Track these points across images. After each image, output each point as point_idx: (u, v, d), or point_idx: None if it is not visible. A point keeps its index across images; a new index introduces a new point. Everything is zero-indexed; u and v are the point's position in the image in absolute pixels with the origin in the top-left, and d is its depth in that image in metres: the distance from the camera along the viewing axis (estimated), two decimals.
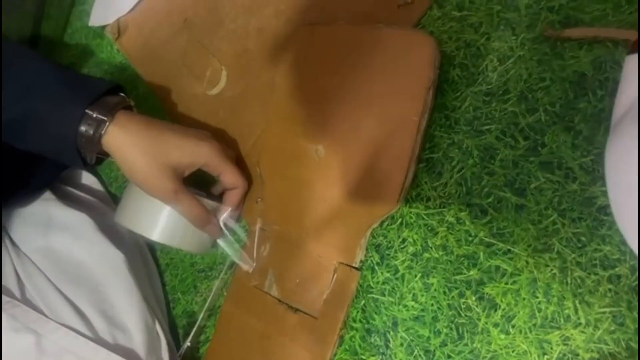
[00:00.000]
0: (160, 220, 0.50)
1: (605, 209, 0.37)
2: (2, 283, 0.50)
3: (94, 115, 0.46)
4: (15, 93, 0.45)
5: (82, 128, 0.45)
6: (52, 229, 0.55)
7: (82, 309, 0.50)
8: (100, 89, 0.47)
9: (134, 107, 0.51)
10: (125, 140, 0.46)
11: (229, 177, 0.51)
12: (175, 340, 0.58)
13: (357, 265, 0.46)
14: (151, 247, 0.63)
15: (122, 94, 0.50)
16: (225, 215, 0.52)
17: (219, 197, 0.54)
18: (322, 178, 0.49)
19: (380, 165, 0.46)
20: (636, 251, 0.33)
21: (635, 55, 0.32)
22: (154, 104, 0.68)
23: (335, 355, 0.46)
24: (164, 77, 0.67)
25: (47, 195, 0.60)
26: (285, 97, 0.54)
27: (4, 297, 0.49)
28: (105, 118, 0.46)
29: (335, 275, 0.47)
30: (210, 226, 0.51)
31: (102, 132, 0.46)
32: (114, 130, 0.46)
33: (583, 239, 0.38)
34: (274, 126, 0.54)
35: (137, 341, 0.51)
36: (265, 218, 0.53)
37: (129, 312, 0.52)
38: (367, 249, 0.47)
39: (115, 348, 0.50)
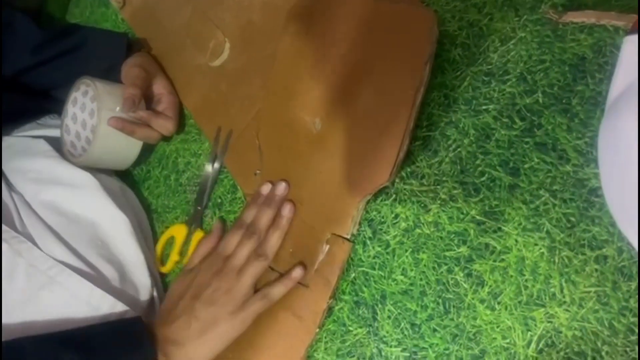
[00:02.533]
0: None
1: (596, 191, 0.38)
2: (7, 228, 0.51)
3: None
4: None
5: None
6: (57, 186, 0.56)
7: (85, 256, 0.51)
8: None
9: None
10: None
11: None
12: None
13: (348, 237, 0.47)
14: (148, 213, 0.64)
15: None
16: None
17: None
18: (318, 150, 0.50)
19: (375, 138, 0.46)
20: (624, 232, 0.34)
21: (633, 37, 0.32)
22: None
23: (323, 325, 0.47)
24: (167, 47, 0.67)
25: (52, 153, 0.60)
26: (284, 70, 0.54)
27: (11, 232, 0.50)
28: None
29: (327, 246, 0.48)
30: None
31: None
32: None
33: (573, 219, 0.38)
34: (272, 98, 0.54)
35: (142, 295, 0.53)
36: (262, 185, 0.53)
37: (135, 270, 0.54)
38: (360, 224, 0.47)
39: (116, 295, 0.50)
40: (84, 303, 0.50)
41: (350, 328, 0.46)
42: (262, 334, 0.49)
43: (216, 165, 0.58)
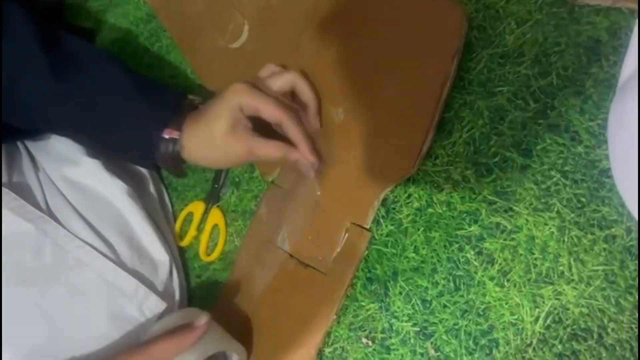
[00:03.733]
0: None
1: (607, 172, 0.38)
2: (32, 208, 0.52)
3: (168, 137, 0.50)
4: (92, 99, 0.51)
5: (161, 149, 0.51)
6: (78, 164, 0.58)
7: (105, 235, 0.53)
8: (171, 105, 0.52)
9: (198, 103, 0.54)
10: (197, 148, 0.50)
11: (266, 110, 0.47)
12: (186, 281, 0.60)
13: (368, 227, 0.48)
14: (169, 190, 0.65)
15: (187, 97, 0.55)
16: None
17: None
18: (341, 140, 0.50)
19: (399, 131, 0.47)
20: (633, 212, 0.34)
21: None
22: (177, 57, 0.69)
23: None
24: (187, 29, 0.68)
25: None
26: (309, 58, 0.54)
27: (36, 212, 0.52)
28: (177, 137, 0.50)
29: (347, 235, 0.49)
30: (297, 157, 0.49)
31: (178, 150, 0.51)
32: (186, 145, 0.50)
33: (583, 199, 0.39)
34: None
35: (160, 273, 0.55)
36: (282, 175, 0.55)
37: (153, 248, 0.56)
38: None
39: (137, 275, 0.53)
40: (109, 285, 0.52)
41: (363, 303, 0.47)
42: (281, 320, 0.51)
43: None
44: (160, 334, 0.46)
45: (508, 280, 0.40)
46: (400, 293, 0.45)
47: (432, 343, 0.43)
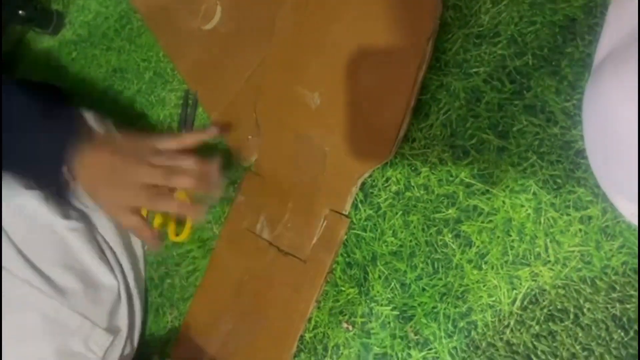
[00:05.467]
0: None
1: (582, 153, 0.38)
2: None
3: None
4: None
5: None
6: (22, 193, 0.56)
7: (47, 271, 0.52)
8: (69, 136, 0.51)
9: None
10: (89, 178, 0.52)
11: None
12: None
13: (346, 213, 0.47)
14: None
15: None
16: None
17: None
18: (317, 126, 0.50)
19: (376, 115, 0.46)
20: (607, 193, 0.34)
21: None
22: (148, 39, 0.67)
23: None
24: (159, 10, 0.66)
25: None
26: (284, 42, 0.54)
27: None
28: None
29: (325, 221, 0.48)
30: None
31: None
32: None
33: (559, 181, 0.39)
34: (271, 71, 0.54)
35: (106, 300, 0.54)
36: (260, 162, 0.54)
37: (100, 272, 0.55)
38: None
39: (82, 306, 0.52)
40: (52, 322, 0.51)
41: (343, 288, 0.47)
42: (262, 308, 0.50)
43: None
44: None
45: (486, 263, 0.41)
46: (380, 277, 0.45)
47: (411, 326, 0.43)
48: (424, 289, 0.43)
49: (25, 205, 0.55)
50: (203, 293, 0.55)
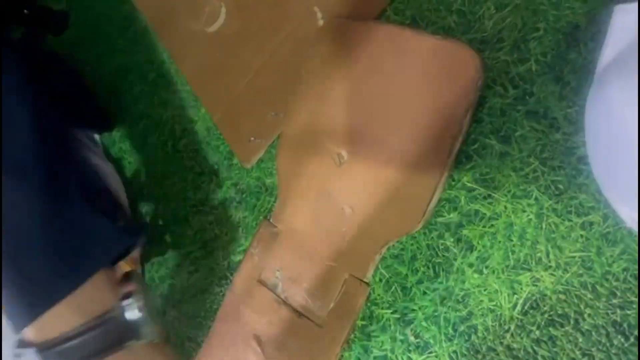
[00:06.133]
0: None
1: (584, 159, 0.38)
2: None
3: None
4: None
5: None
6: None
7: None
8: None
9: None
10: None
11: None
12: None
13: (367, 281, 0.46)
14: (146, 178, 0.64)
15: None
16: None
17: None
18: (341, 185, 0.47)
19: (406, 183, 0.44)
20: (609, 199, 0.35)
21: (623, 6, 0.32)
22: (152, 40, 0.67)
23: None
24: (162, 12, 0.67)
25: None
26: (311, 91, 0.51)
27: None
28: None
29: (344, 287, 0.46)
30: None
31: None
32: None
33: (561, 186, 0.39)
34: (297, 117, 0.52)
35: None
36: (277, 214, 0.52)
37: None
38: None
39: None
40: None
41: None
42: None
43: None
44: None
45: (487, 267, 0.41)
46: (381, 280, 0.45)
47: (411, 330, 0.43)
48: (424, 293, 0.43)
49: None
50: (209, 345, 0.53)
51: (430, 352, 0.42)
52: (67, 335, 0.41)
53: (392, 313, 0.44)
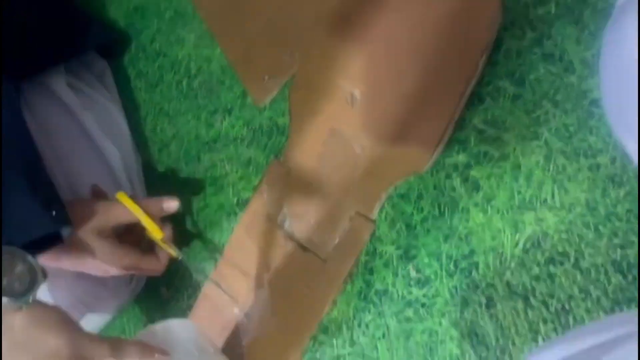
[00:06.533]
0: None
1: (597, 102, 0.38)
2: None
3: None
4: None
5: None
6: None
7: None
8: None
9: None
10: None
11: None
12: None
13: (373, 218, 0.46)
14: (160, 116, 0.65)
15: None
16: None
17: None
18: (353, 124, 0.48)
19: (416, 124, 0.44)
20: (620, 140, 0.35)
21: None
22: None
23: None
24: None
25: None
26: (329, 30, 0.51)
27: None
28: None
29: (350, 223, 0.47)
30: None
31: None
32: None
33: (571, 129, 0.39)
34: (312, 58, 0.52)
35: None
36: (288, 153, 0.52)
37: None
38: None
39: None
40: None
41: None
42: (276, 300, 0.50)
43: None
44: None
45: (491, 207, 0.41)
46: (386, 219, 0.46)
47: (413, 265, 0.44)
48: (428, 231, 0.44)
49: None
50: (218, 275, 0.55)
51: (431, 287, 0.43)
52: None
53: (395, 249, 0.45)
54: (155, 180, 0.64)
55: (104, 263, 0.52)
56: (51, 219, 0.48)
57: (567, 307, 0.37)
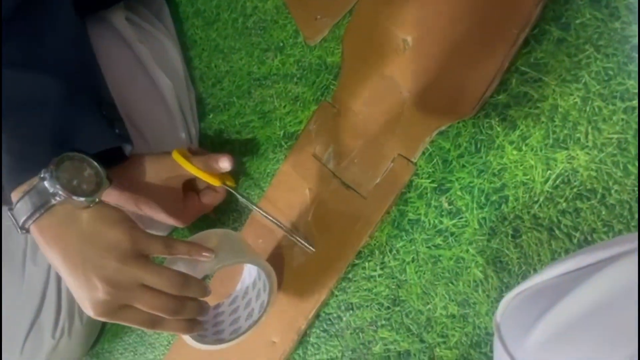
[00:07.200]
0: None
1: (638, 47, 0.40)
2: None
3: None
4: None
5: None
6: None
7: None
8: None
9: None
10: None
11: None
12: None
13: (414, 161, 0.49)
14: (215, 52, 0.69)
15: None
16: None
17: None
18: (403, 69, 0.50)
19: (465, 72, 0.46)
20: None
21: None
22: None
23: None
24: None
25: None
26: None
27: None
28: None
29: (392, 164, 0.50)
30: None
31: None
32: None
33: (611, 72, 0.41)
34: (365, 6, 0.54)
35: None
36: (337, 95, 0.55)
37: None
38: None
39: None
40: None
41: None
42: (317, 231, 0.54)
43: None
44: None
45: (526, 145, 0.43)
46: (424, 154, 0.49)
47: (446, 198, 0.47)
48: (463, 166, 0.46)
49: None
50: (265, 201, 0.60)
51: (461, 218, 0.46)
52: None
53: (430, 182, 0.48)
54: (208, 113, 0.68)
55: (170, 217, 0.58)
56: (116, 135, 0.52)
57: (589, 239, 0.40)
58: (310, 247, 0.54)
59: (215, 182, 0.59)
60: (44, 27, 0.52)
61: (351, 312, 0.52)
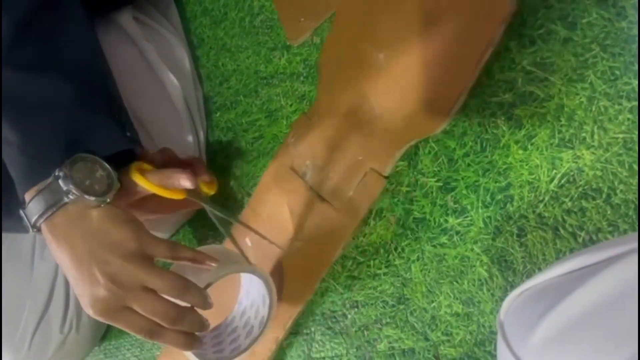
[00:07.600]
0: None
1: (638, 47, 0.40)
2: None
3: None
4: None
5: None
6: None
7: None
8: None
9: None
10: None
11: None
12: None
13: (386, 175, 0.50)
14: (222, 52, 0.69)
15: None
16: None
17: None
18: (376, 86, 0.51)
19: (434, 88, 0.47)
20: None
21: None
22: None
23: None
24: None
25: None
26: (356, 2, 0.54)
27: None
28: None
29: (364, 178, 0.51)
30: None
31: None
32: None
33: (617, 72, 0.41)
34: (341, 24, 0.55)
35: None
36: (315, 109, 0.57)
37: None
38: None
39: None
40: None
41: None
42: (299, 246, 0.56)
43: None
44: None
45: (532, 144, 0.43)
46: (429, 152, 0.49)
47: (452, 196, 0.47)
48: (469, 165, 0.46)
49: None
50: (248, 210, 0.61)
51: (466, 217, 0.46)
52: None
53: (435, 181, 0.48)
54: (215, 111, 0.69)
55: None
56: (127, 138, 0.53)
57: (594, 238, 0.40)
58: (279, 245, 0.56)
59: (177, 196, 0.54)
60: (58, 32, 0.52)
61: (356, 309, 0.52)
